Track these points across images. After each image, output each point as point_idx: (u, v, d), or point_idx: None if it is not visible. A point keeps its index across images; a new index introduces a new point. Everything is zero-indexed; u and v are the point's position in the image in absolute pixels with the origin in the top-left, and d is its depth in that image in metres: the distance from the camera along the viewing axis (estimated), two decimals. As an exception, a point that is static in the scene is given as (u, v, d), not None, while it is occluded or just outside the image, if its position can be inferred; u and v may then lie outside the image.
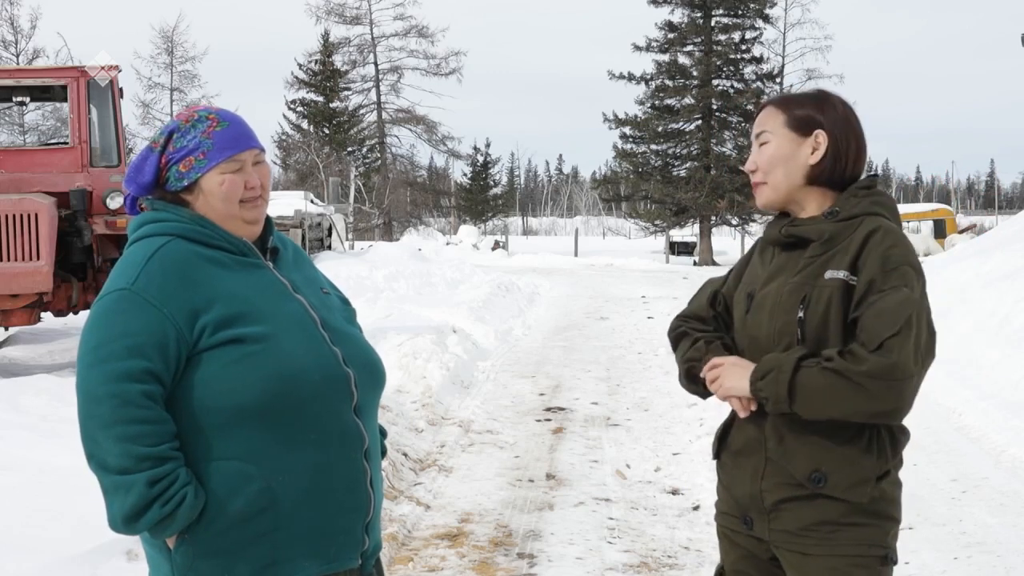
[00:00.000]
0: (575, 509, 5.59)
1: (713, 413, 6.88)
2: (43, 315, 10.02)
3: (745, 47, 36.97)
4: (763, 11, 36.85)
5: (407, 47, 47.27)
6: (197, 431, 2.00)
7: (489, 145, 59.11)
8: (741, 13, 36.70)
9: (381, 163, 48.50)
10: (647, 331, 13.57)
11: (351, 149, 48.13)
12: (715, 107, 36.73)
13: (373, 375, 2.19)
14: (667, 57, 37.14)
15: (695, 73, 36.62)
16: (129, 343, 1.95)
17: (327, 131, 47.35)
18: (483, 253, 32.14)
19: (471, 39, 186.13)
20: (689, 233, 38.43)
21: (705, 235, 36.37)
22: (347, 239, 30.41)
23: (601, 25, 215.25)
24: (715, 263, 34.13)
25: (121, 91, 10.29)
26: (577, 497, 5.82)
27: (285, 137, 48.38)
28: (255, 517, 2.00)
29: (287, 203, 25.10)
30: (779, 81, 38.45)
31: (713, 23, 36.85)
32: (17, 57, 35.77)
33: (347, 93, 48.91)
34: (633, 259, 31.30)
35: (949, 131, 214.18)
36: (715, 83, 36.82)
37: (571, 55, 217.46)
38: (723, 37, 36.84)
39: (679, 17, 36.97)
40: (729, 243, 40.87)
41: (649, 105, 37.24)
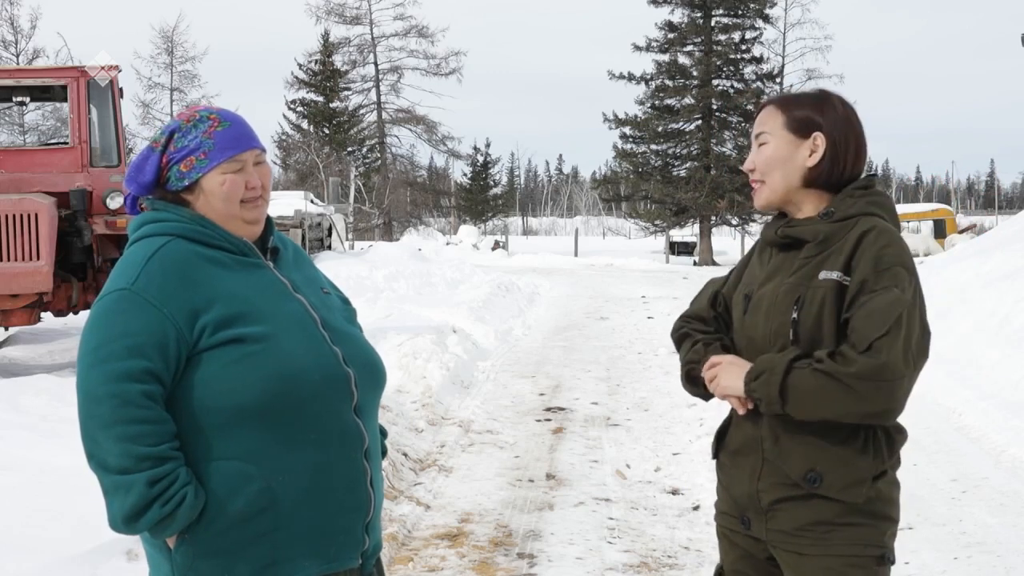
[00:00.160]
0: (575, 509, 5.59)
1: (713, 413, 6.87)
2: (43, 315, 10.02)
3: (745, 47, 37.00)
4: (763, 11, 36.86)
5: (407, 47, 47.38)
6: (197, 431, 2.00)
7: (489, 145, 59.20)
8: (741, 13, 36.72)
9: (381, 163, 48.50)
10: (647, 331, 13.57)
11: (351, 149, 48.13)
12: (715, 107, 36.75)
13: (373, 375, 2.19)
14: (667, 57, 37.17)
15: (695, 73, 36.63)
16: (129, 343, 1.96)
17: (327, 131, 47.35)
18: (483, 253, 32.13)
19: (471, 39, 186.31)
20: (689, 233, 38.45)
21: (705, 235, 36.38)
22: (347, 239, 30.41)
23: (601, 25, 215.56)
24: (715, 263, 34.13)
25: (121, 91, 10.30)
26: (577, 497, 5.82)
27: (285, 137, 48.40)
28: (255, 517, 2.00)
29: (287, 203, 25.11)
30: (779, 81, 38.46)
31: (713, 23, 36.86)
32: (17, 57, 35.78)
33: (347, 93, 48.97)
34: (633, 259, 31.30)
35: (949, 131, 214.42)
36: (715, 83, 36.83)
37: (571, 55, 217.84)
38: (723, 37, 36.85)
39: (679, 17, 37.06)
40: (729, 243, 40.87)
41: (649, 105, 37.26)
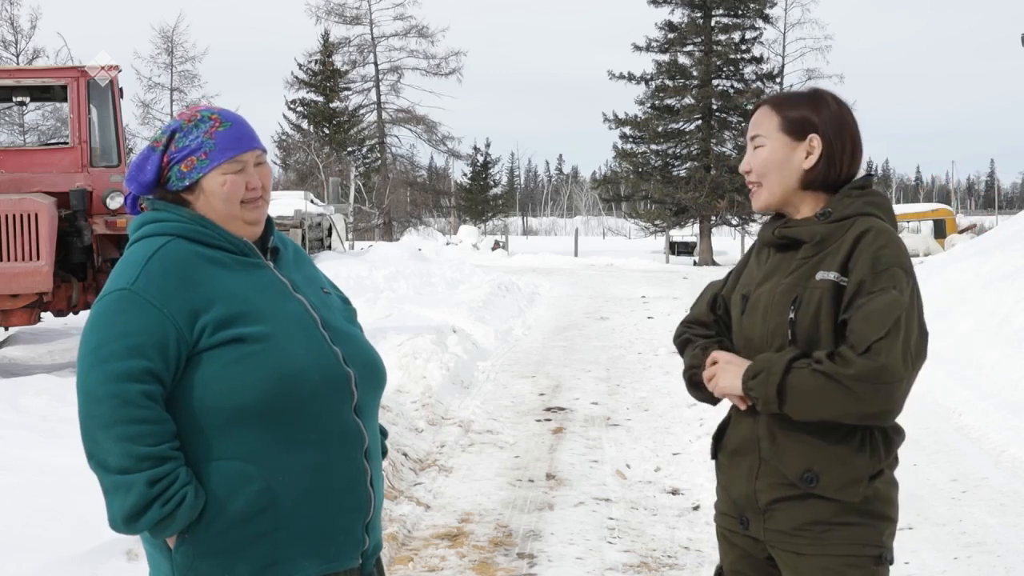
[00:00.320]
0: (575, 509, 5.59)
1: (713, 413, 6.86)
2: (43, 315, 10.02)
3: (745, 47, 37.00)
4: (763, 11, 36.87)
5: (407, 47, 47.39)
6: (197, 431, 2.00)
7: (489, 145, 59.23)
8: (741, 13, 36.72)
9: (381, 163, 48.50)
10: (647, 331, 13.57)
11: (351, 149, 48.13)
12: (715, 107, 36.75)
13: (373, 375, 2.19)
14: (667, 57, 37.17)
15: (695, 73, 36.63)
16: (129, 343, 1.96)
17: (327, 131, 47.35)
18: (483, 253, 32.13)
19: (471, 39, 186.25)
20: (689, 233, 38.45)
21: (705, 235, 36.38)
22: (347, 239, 30.41)
23: (601, 25, 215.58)
24: (715, 263, 34.13)
25: (121, 91, 10.30)
26: (577, 497, 5.82)
27: (285, 137, 48.41)
28: (255, 517, 2.00)
29: (287, 203, 25.11)
30: (779, 81, 38.45)
31: (713, 23, 36.86)
32: (17, 57, 35.78)
33: (347, 93, 48.97)
34: (633, 259, 31.30)
35: (949, 131, 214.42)
36: (715, 83, 36.83)
37: (571, 55, 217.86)
38: (723, 37, 36.85)
39: (679, 17, 37.07)
40: (729, 243, 40.87)
41: (649, 105, 37.27)
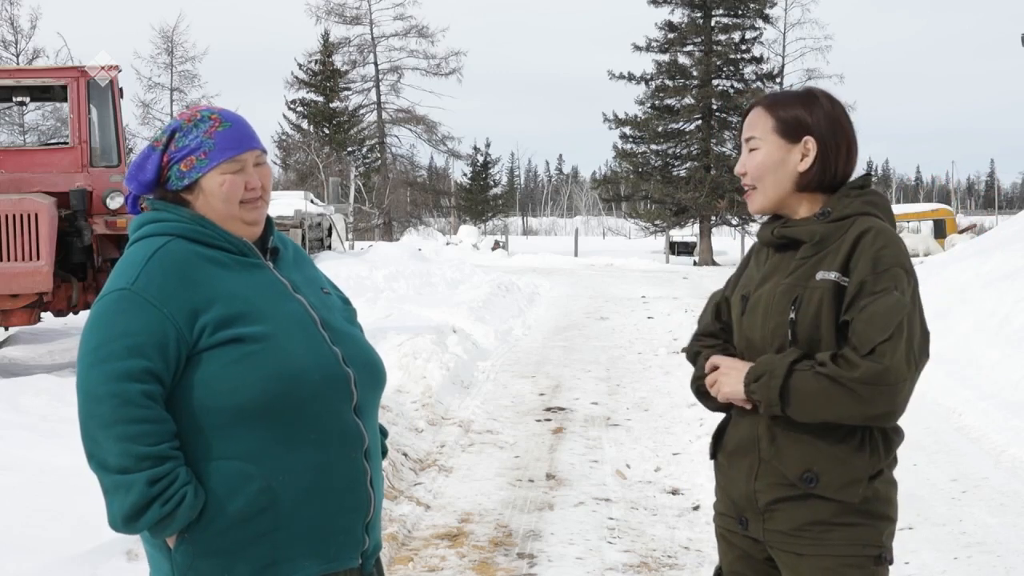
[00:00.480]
0: (575, 509, 5.59)
1: (713, 413, 6.87)
2: (43, 315, 10.02)
3: (745, 47, 36.99)
4: (763, 11, 36.86)
5: (407, 47, 47.36)
6: (197, 431, 2.00)
7: (489, 145, 59.24)
8: (741, 13, 36.71)
9: (381, 163, 48.49)
10: (647, 331, 13.57)
11: (351, 149, 48.12)
12: (715, 107, 36.74)
13: (373, 375, 2.19)
14: (667, 57, 37.17)
15: (695, 73, 36.63)
16: (129, 343, 1.96)
17: (327, 131, 47.34)
18: (483, 253, 32.12)
19: (471, 39, 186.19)
20: (689, 233, 38.44)
21: (705, 235, 36.38)
22: (347, 239, 30.41)
23: (601, 25, 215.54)
24: (715, 263, 34.13)
25: (121, 91, 10.30)
26: (577, 497, 5.82)
27: (285, 137, 48.40)
28: (255, 517, 2.00)
29: (287, 203, 25.12)
30: (779, 81, 38.44)
31: (713, 23, 36.86)
32: (17, 57, 35.78)
33: (347, 93, 48.95)
34: (633, 259, 31.30)
35: (949, 131, 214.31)
36: (715, 83, 36.83)
37: (571, 55, 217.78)
38: (723, 37, 36.85)
39: (679, 17, 37.05)
40: (729, 243, 40.87)
41: (649, 105, 37.26)
